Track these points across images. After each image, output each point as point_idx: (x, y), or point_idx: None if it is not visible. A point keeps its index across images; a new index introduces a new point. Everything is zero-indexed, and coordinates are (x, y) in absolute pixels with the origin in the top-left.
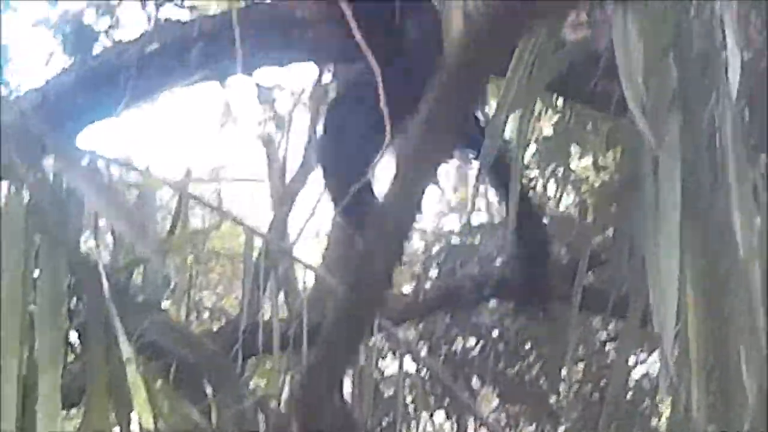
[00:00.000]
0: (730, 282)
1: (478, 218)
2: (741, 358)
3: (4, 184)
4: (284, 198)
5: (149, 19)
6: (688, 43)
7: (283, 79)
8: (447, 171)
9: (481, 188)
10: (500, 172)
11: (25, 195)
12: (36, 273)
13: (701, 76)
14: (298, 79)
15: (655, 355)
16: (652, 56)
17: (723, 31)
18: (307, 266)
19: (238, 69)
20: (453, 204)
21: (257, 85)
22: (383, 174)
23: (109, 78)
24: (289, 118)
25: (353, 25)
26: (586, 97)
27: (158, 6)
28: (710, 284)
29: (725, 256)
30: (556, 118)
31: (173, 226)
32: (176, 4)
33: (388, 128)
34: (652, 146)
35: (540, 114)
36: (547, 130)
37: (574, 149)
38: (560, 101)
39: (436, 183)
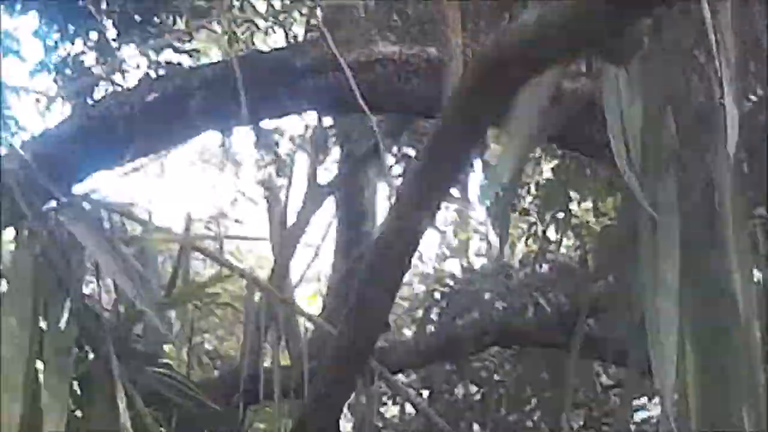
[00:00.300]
0: (730, 337)
1: (479, 261)
2: (741, 413)
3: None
4: (285, 242)
5: (150, 64)
6: (686, 98)
7: (284, 123)
8: (447, 214)
9: (482, 231)
10: None
11: (34, 245)
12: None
13: (699, 130)
14: (299, 124)
15: (657, 398)
16: (649, 112)
17: (721, 84)
18: (306, 316)
19: (241, 121)
20: (454, 247)
21: (257, 130)
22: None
23: (110, 128)
24: (290, 162)
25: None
26: (584, 146)
27: (158, 50)
28: (709, 340)
29: (724, 311)
30: (554, 162)
31: (174, 277)
32: (176, 49)
33: None
34: (645, 207)
35: (539, 159)
36: (547, 174)
37: (574, 194)
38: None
39: (434, 226)
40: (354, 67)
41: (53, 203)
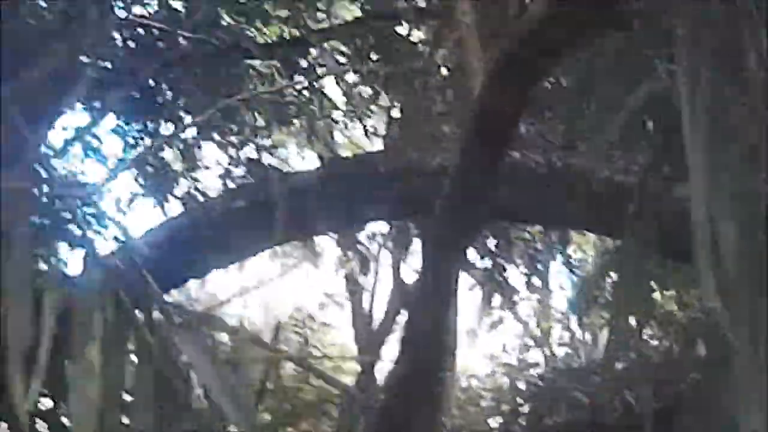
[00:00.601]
0: None
1: (562, 351)
2: None
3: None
4: (371, 342)
5: (230, 161)
6: None
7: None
8: (529, 305)
9: (565, 320)
10: None
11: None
12: None
13: None
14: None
15: None
16: (742, 229)
17: None
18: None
19: (325, 229)
20: (536, 337)
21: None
22: None
23: (197, 236)
24: (374, 262)
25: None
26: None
27: (239, 147)
28: None
29: None
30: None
31: (264, 384)
32: (257, 146)
33: None
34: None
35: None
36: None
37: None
38: None
39: (516, 314)
40: (437, 173)
41: (157, 314)
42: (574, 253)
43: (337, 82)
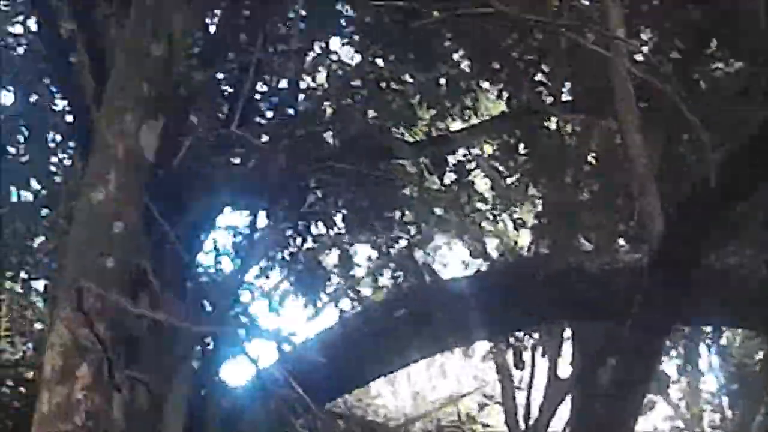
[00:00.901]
0: None
1: None
2: None
3: None
4: None
5: (379, 255)
6: None
7: None
8: (680, 388)
9: (716, 402)
10: None
11: None
12: None
13: None
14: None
15: None
16: None
17: None
18: None
19: (487, 335)
20: (687, 420)
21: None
22: None
23: (357, 344)
24: (530, 355)
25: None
26: None
27: (389, 243)
28: None
29: None
30: None
31: None
32: (407, 241)
33: None
34: None
35: None
36: None
37: None
38: None
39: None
40: (596, 276)
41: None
42: (723, 337)
43: (487, 176)
